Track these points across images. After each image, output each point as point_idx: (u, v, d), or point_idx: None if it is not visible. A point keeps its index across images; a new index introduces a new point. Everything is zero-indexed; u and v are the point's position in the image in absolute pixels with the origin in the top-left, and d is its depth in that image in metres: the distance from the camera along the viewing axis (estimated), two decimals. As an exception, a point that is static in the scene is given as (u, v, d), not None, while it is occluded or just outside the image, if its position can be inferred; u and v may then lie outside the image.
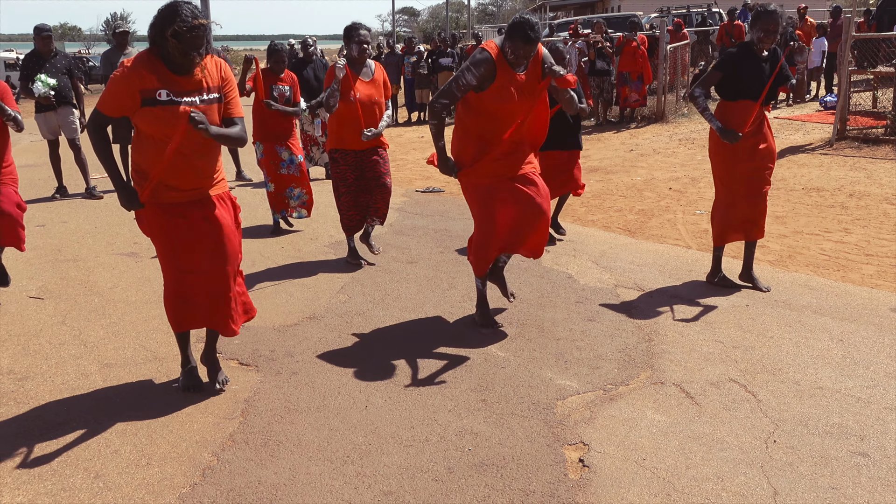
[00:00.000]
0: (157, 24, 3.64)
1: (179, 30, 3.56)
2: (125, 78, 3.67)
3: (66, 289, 6.01)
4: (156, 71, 3.69)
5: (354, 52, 6.08)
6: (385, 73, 6.41)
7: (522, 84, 4.66)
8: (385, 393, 4.18)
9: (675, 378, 4.27)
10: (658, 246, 6.95)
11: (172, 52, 3.63)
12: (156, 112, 3.68)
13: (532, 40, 4.45)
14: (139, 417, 3.95)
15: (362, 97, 6.06)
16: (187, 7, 3.60)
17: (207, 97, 3.81)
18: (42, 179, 10.50)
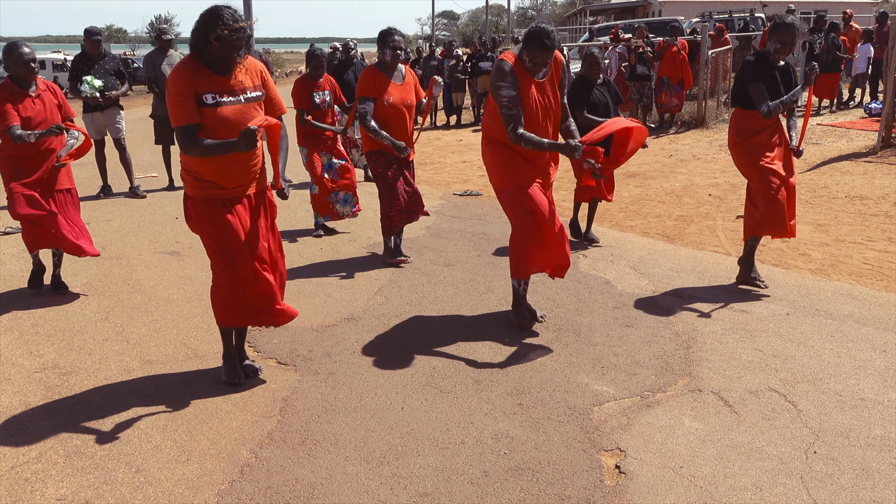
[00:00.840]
0: (201, 27, 3.81)
1: (222, 32, 3.75)
2: (177, 88, 3.84)
3: (110, 286, 6.13)
4: (200, 75, 3.87)
5: (388, 56, 6.21)
6: (415, 75, 6.52)
7: (543, 90, 4.80)
8: (421, 395, 4.20)
9: (714, 386, 4.23)
10: (697, 252, 6.89)
11: (216, 54, 3.82)
12: (204, 113, 3.87)
13: (548, 48, 4.57)
14: (179, 414, 4.02)
15: (395, 100, 6.19)
16: (228, 11, 3.79)
17: (250, 95, 4.01)
18: (87, 178, 10.69)
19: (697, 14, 26.48)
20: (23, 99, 5.54)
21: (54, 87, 5.84)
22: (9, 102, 5.47)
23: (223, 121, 3.89)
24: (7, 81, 5.59)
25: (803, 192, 8.90)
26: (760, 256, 6.72)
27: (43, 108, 5.62)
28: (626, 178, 10.56)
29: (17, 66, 5.52)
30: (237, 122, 3.92)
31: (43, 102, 5.64)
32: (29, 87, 5.62)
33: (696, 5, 32.30)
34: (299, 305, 5.57)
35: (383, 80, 6.18)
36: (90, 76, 8.83)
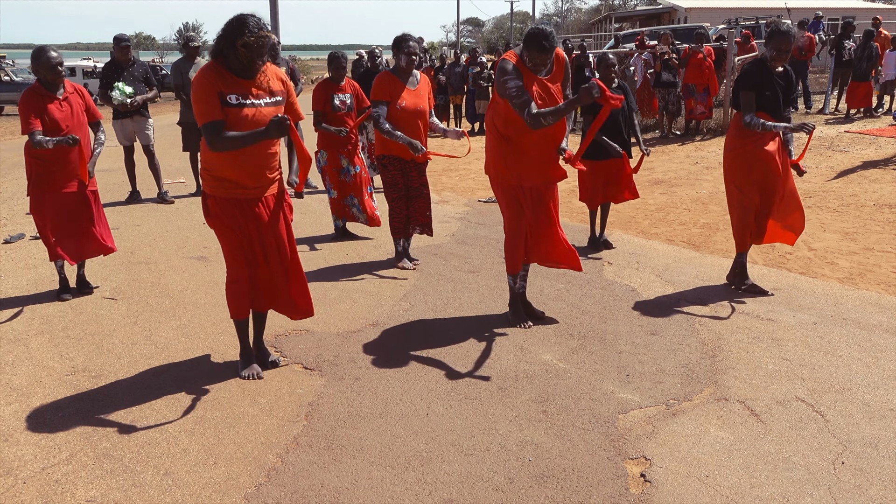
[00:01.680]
0: (227, 35, 4.00)
1: (248, 39, 3.93)
2: (202, 87, 4.01)
3: (139, 290, 6.20)
4: (223, 78, 4.05)
5: (403, 62, 6.31)
6: (429, 82, 6.64)
7: (547, 86, 4.92)
8: (446, 401, 4.21)
9: (740, 395, 4.21)
10: (723, 260, 6.85)
11: (241, 60, 4.00)
12: (227, 113, 4.04)
13: (546, 49, 4.72)
14: (207, 418, 4.06)
15: (408, 105, 6.31)
16: (253, 19, 3.99)
17: (271, 100, 4.19)
18: (116, 184, 10.83)
19: (723, 20, 26.40)
20: (51, 101, 5.64)
21: (82, 90, 5.95)
22: (35, 107, 5.58)
23: (245, 122, 4.06)
24: (36, 85, 5.70)
25: (830, 200, 8.83)
26: (787, 265, 6.68)
27: (70, 111, 5.73)
28: (652, 186, 10.53)
29: (45, 69, 5.63)
30: (257, 124, 4.09)
31: (70, 105, 5.74)
32: (56, 90, 5.71)
33: (722, 12, 32.21)
34: (325, 311, 5.62)
35: (397, 85, 6.31)
36: (121, 83, 8.96)
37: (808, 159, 11.06)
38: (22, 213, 9.10)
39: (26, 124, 5.55)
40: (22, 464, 3.65)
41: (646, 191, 10.26)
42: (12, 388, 4.47)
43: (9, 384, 4.51)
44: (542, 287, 6.13)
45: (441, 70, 18.18)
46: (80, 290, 6.17)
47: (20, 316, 5.65)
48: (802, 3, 32.01)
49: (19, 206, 9.52)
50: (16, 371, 4.70)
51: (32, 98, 5.61)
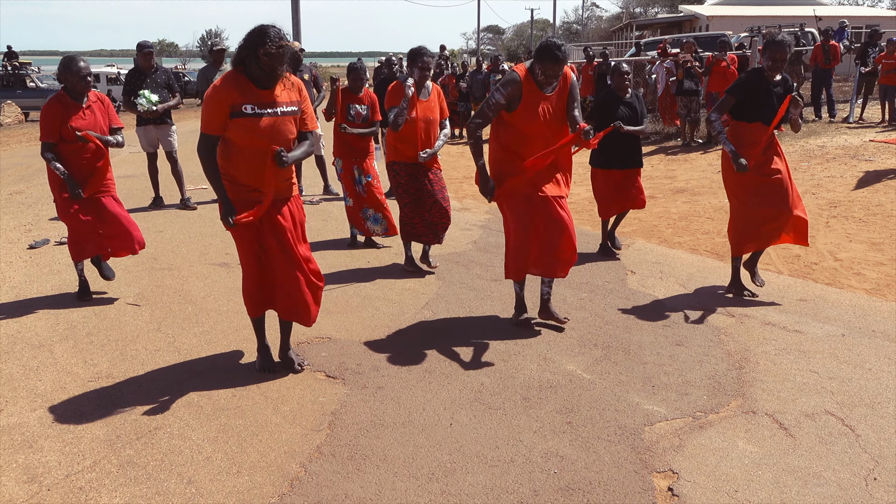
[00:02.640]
0: (249, 44, 4.17)
1: (270, 49, 4.10)
2: (216, 97, 4.20)
3: (162, 297, 6.22)
4: (241, 87, 4.22)
5: (416, 75, 6.48)
6: (441, 93, 6.79)
7: (551, 104, 5.06)
8: (470, 411, 4.18)
9: (768, 408, 4.15)
10: (748, 271, 6.77)
11: (263, 69, 4.16)
12: (242, 123, 4.20)
13: (559, 60, 4.86)
14: (230, 426, 4.05)
15: (420, 115, 6.47)
16: (274, 29, 4.17)
17: (286, 109, 4.34)
18: (139, 190, 10.90)
19: (746, 28, 26.19)
20: (76, 110, 5.80)
21: (104, 98, 6.11)
22: (57, 116, 5.72)
23: (259, 130, 4.22)
24: (61, 93, 5.86)
25: (856, 210, 8.72)
26: (813, 275, 6.60)
27: (93, 119, 5.90)
28: (674, 194, 10.46)
29: (75, 79, 5.75)
30: (271, 134, 4.27)
31: (93, 113, 5.91)
32: (82, 99, 5.87)
33: (744, 20, 32.01)
34: (347, 318, 5.61)
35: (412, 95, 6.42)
36: (146, 90, 9.01)
37: (834, 168, 10.96)
38: (46, 218, 9.18)
39: (44, 133, 5.75)
40: (46, 471, 3.65)
41: (668, 199, 10.20)
42: (37, 393, 4.48)
43: (33, 390, 4.52)
44: (565, 296, 6.09)
45: (463, 77, 18.18)
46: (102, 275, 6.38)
47: (44, 321, 5.68)
48: (827, 12, 31.80)
49: (44, 211, 9.59)
50: (40, 376, 4.71)
51: (56, 106, 5.75)
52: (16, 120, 25.84)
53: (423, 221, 6.68)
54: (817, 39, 20.87)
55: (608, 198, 7.30)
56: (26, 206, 10.16)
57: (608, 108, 7.07)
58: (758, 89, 5.67)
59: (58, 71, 5.85)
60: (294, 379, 4.62)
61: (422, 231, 6.73)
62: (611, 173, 7.16)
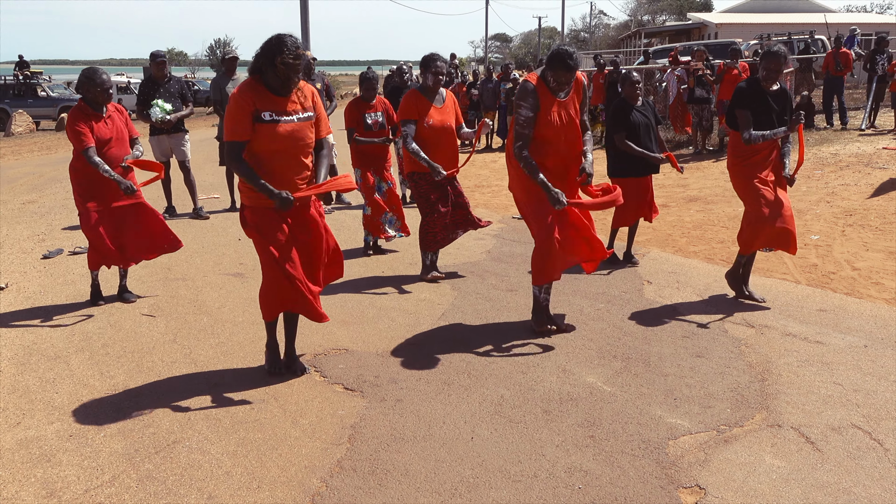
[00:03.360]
0: (267, 53, 4.26)
1: (287, 58, 4.21)
2: (238, 105, 4.31)
3: (177, 307, 6.19)
4: (260, 94, 4.34)
5: (430, 81, 6.52)
6: (455, 99, 6.85)
7: (565, 109, 5.17)
8: (490, 424, 4.14)
9: (793, 421, 4.10)
10: (765, 280, 6.72)
11: (279, 77, 4.27)
12: (262, 129, 4.32)
13: (571, 67, 4.97)
14: (249, 439, 4.01)
15: (435, 123, 6.50)
16: (291, 38, 4.27)
17: (303, 115, 4.46)
18: (151, 199, 10.76)
19: (755, 36, 26.17)
20: (97, 121, 5.92)
21: (121, 109, 6.24)
22: (85, 124, 5.83)
23: (279, 136, 4.34)
24: (81, 104, 5.96)
25: (872, 219, 8.66)
26: (831, 285, 6.54)
27: (114, 128, 6.02)
28: (688, 203, 10.40)
29: (97, 91, 5.88)
30: (291, 139, 4.39)
31: (114, 123, 6.04)
32: (101, 109, 5.98)
33: (753, 27, 31.99)
34: (363, 330, 5.58)
35: (424, 104, 6.49)
36: (160, 100, 9.00)
37: (847, 176, 10.90)
38: (59, 227, 9.17)
39: (80, 141, 5.83)
40: (65, 485, 3.62)
41: (682, 208, 10.15)
42: (54, 406, 4.45)
43: (50, 402, 4.50)
44: (581, 307, 6.05)
45: (474, 86, 18.16)
46: (121, 298, 6.39)
47: (60, 332, 5.66)
48: (836, 19, 31.74)
49: (57, 221, 9.59)
50: (57, 389, 4.68)
51: (80, 116, 5.87)
52: (27, 129, 25.94)
53: (443, 228, 6.68)
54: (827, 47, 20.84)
55: (625, 207, 7.21)
56: (39, 216, 10.16)
57: (623, 115, 7.12)
58: (756, 99, 5.78)
59: (78, 82, 5.99)
60: (312, 391, 4.58)
61: (441, 238, 6.74)
62: (629, 182, 7.14)
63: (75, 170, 5.96)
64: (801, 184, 10.80)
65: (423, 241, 6.80)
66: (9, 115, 26.48)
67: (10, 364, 5.08)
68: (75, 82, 6.15)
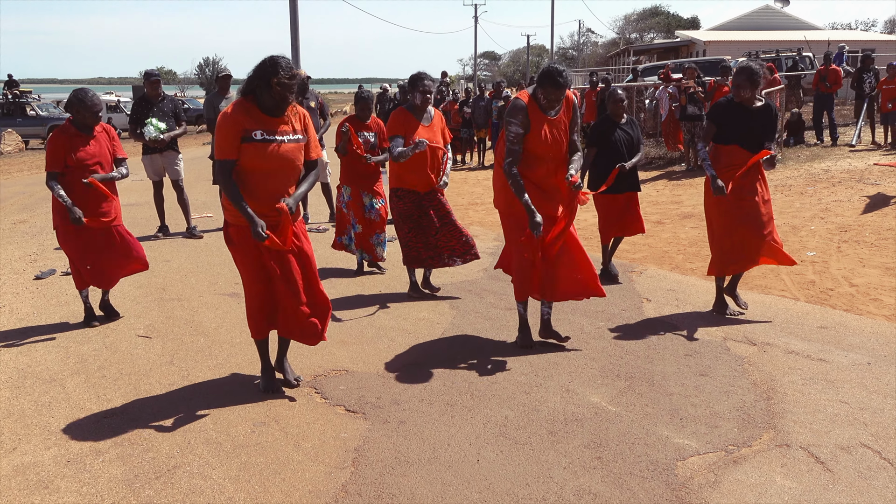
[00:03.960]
0: (262, 74, 4.31)
1: (282, 79, 4.27)
2: (228, 124, 4.34)
3: (173, 328, 6.11)
4: (251, 114, 4.38)
5: (418, 100, 6.53)
6: (443, 118, 6.87)
7: (556, 127, 5.22)
8: (496, 446, 4.08)
9: (802, 441, 4.06)
10: (764, 297, 6.70)
11: (275, 97, 4.32)
12: (252, 148, 4.34)
13: (561, 85, 5.02)
14: (251, 464, 3.94)
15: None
16: (284, 60, 4.34)
17: (293, 137, 4.50)
18: (144, 218, 10.81)
19: (743, 53, 26.30)
20: (82, 141, 5.94)
21: (109, 129, 6.23)
22: (63, 146, 5.84)
23: (270, 156, 4.37)
24: (67, 124, 5.98)
25: (867, 235, 8.67)
26: (830, 301, 6.53)
27: (99, 149, 6.03)
28: (682, 220, 10.40)
29: (88, 114, 5.91)
30: (281, 159, 4.42)
31: (99, 143, 6.04)
32: (89, 130, 6.00)
33: (741, 45, 32.22)
34: (363, 350, 5.52)
35: (412, 122, 6.52)
36: (154, 119, 8.95)
37: (840, 192, 10.93)
38: (52, 248, 9.08)
39: (49, 163, 5.85)
40: (64, 512, 3.54)
41: (676, 224, 10.14)
42: (50, 431, 4.37)
43: (46, 427, 4.41)
44: (582, 325, 6.01)
45: (466, 103, 18.19)
46: (105, 314, 6.37)
47: (54, 354, 5.57)
48: (821, 36, 32.02)
49: (49, 241, 9.49)
50: (53, 413, 4.60)
51: (62, 137, 5.88)
52: (16, 148, 25.82)
53: (425, 245, 6.70)
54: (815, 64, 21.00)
55: (609, 221, 7.43)
56: (30, 236, 10.06)
57: (606, 133, 7.28)
58: (731, 114, 5.88)
59: (68, 103, 5.99)
60: (314, 413, 4.51)
61: (425, 256, 6.75)
62: (612, 198, 7.27)
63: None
64: (794, 200, 10.84)
65: (405, 258, 6.85)
66: (-2, 134, 26.41)
67: (4, 387, 4.99)
68: (65, 101, 6.12)
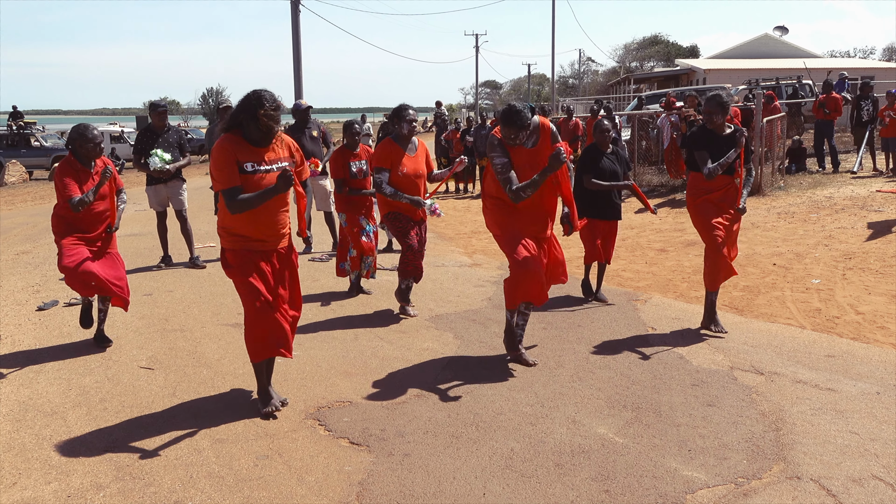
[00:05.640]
0: (246, 107, 4.55)
1: (268, 110, 4.53)
2: (223, 154, 4.57)
3: (175, 360, 6.07)
4: (240, 147, 4.60)
5: (404, 130, 6.79)
6: (426, 148, 7.16)
7: (533, 156, 5.44)
8: (501, 479, 4.03)
9: (813, 473, 4.00)
10: (770, 325, 6.66)
11: (261, 128, 4.56)
12: (244, 180, 4.57)
13: (517, 124, 5.27)
14: (254, 498, 3.89)
15: (408, 171, 6.82)
16: (268, 93, 4.58)
17: (282, 165, 4.74)
18: (147, 248, 10.80)
19: (743, 81, 26.46)
20: (85, 176, 6.09)
21: (108, 162, 6.34)
22: (72, 177, 5.99)
23: (260, 186, 4.59)
24: (70, 158, 6.12)
25: (872, 262, 8.64)
26: (836, 329, 6.49)
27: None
28: (686, 248, 10.37)
29: (89, 147, 6.05)
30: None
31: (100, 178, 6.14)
32: (90, 164, 6.14)
33: (741, 73, 32.37)
34: (366, 381, 5.48)
35: (398, 152, 6.79)
36: (159, 150, 8.96)
37: (844, 219, 10.92)
38: (54, 279, 9.06)
39: (64, 191, 5.96)
40: (65, 549, 3.48)
41: (680, 252, 10.12)
42: (51, 465, 4.32)
43: (47, 461, 4.36)
44: (586, 355, 5.96)
45: (468, 132, 18.25)
46: (98, 343, 6.45)
47: (56, 387, 5.53)
48: (820, 64, 32.18)
49: (52, 271, 9.47)
50: (54, 447, 4.55)
51: (69, 170, 6.03)
52: (20, 179, 25.89)
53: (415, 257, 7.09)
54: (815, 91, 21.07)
55: (593, 245, 7.66)
56: (33, 267, 10.04)
57: (593, 160, 7.57)
58: (703, 141, 6.24)
59: (70, 138, 6.14)
60: (317, 446, 4.46)
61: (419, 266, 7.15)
62: (595, 223, 7.59)
63: (59, 216, 6.14)
64: (797, 227, 10.82)
65: (402, 271, 7.12)
66: (2, 165, 26.45)
67: (5, 420, 4.94)
68: (68, 134, 6.20)
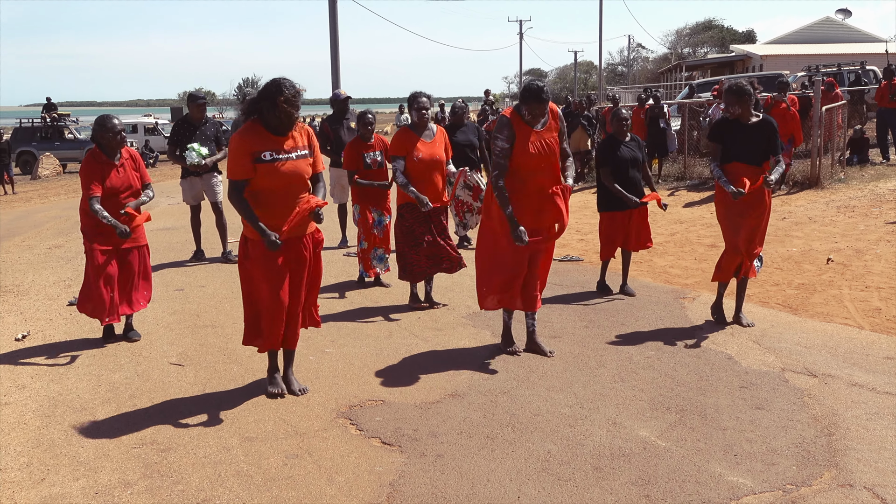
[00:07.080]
0: (267, 95, 4.61)
1: (287, 97, 4.58)
2: (240, 146, 4.65)
3: (206, 356, 5.99)
4: (260, 135, 4.68)
5: (415, 117, 6.84)
6: (445, 133, 7.10)
7: (543, 139, 5.41)
8: (537, 482, 3.86)
9: (866, 480, 3.77)
10: (826, 325, 6.37)
11: (281, 115, 4.61)
12: (263, 168, 4.66)
13: (543, 100, 5.28)
14: (282, 498, 3.77)
15: (424, 156, 6.78)
16: (287, 81, 4.67)
17: (300, 153, 4.80)
18: (179, 243, 10.76)
19: (802, 67, 25.58)
20: (109, 168, 6.11)
21: (135, 155, 6.39)
22: (97, 172, 6.00)
23: (278, 174, 4.68)
24: (95, 150, 6.14)
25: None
26: (890, 328, 6.18)
27: (126, 176, 6.18)
28: (733, 243, 10.04)
29: (110, 137, 6.06)
30: (289, 176, 4.72)
31: (125, 171, 6.19)
32: (115, 156, 6.13)
33: (800, 59, 31.27)
34: (400, 379, 5.35)
35: (412, 139, 6.78)
36: (196, 144, 8.88)
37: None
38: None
39: (87, 188, 5.99)
40: (86, 549, 3.40)
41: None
42: (79, 461, 4.25)
43: (76, 457, 4.29)
44: (630, 354, 5.75)
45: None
46: (126, 337, 6.47)
47: (86, 383, 5.47)
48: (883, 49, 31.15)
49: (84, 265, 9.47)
50: (83, 443, 4.48)
51: (93, 163, 6.04)
52: (54, 172, 26.13)
53: (426, 258, 6.94)
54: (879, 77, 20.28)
55: (611, 239, 7.62)
56: (66, 261, 10.06)
57: (610, 150, 7.50)
58: (727, 133, 6.08)
59: (92, 130, 6.13)
60: (348, 446, 4.33)
61: (425, 266, 6.99)
62: (614, 215, 7.53)
63: (85, 212, 6.12)
64: (857, 222, 10.39)
65: (401, 273, 7.06)
66: (36, 157, 26.69)
67: (34, 416, 4.90)
68: (91, 129, 6.19)
